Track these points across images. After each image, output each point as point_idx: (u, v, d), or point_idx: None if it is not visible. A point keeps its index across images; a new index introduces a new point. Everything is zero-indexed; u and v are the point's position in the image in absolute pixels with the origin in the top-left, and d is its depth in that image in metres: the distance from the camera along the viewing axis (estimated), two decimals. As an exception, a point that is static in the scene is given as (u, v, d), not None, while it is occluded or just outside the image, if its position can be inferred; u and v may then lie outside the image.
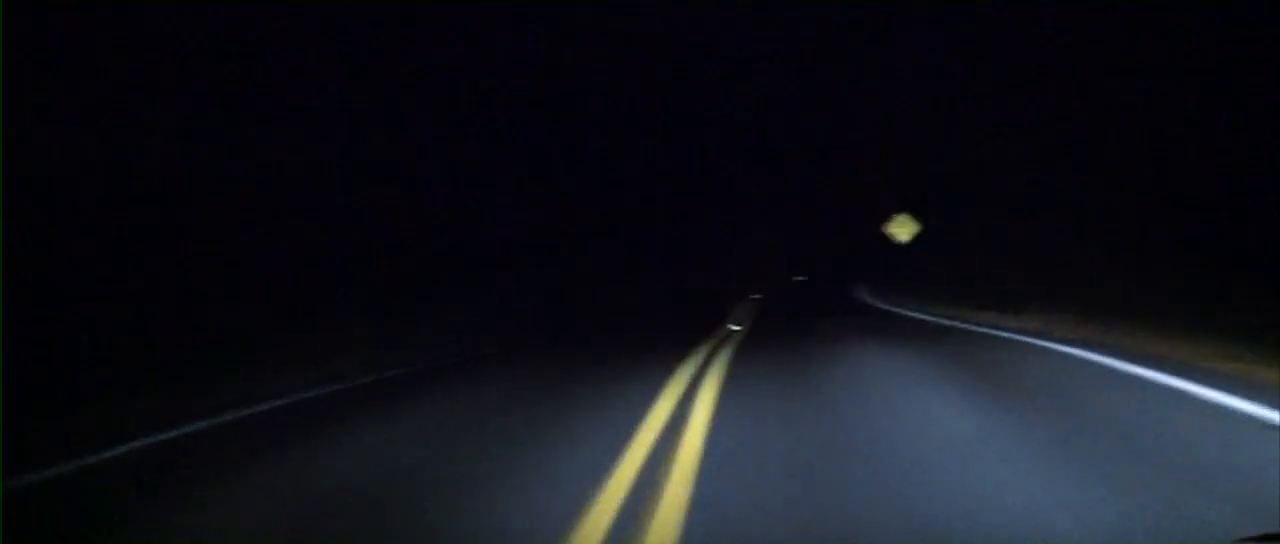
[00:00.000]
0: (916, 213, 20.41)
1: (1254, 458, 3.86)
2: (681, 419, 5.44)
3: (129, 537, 3.71)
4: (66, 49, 10.64)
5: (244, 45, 13.68)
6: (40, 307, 9.03)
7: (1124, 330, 9.58)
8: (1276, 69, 11.04)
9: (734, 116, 50.70)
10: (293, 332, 12.09)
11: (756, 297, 28.66)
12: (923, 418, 5.35)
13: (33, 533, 3.83)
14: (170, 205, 11.80)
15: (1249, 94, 11.56)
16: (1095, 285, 13.13)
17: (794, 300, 25.97)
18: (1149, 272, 12.76)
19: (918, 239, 20.36)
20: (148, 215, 11.38)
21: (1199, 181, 12.60)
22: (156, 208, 11.55)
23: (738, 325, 14.44)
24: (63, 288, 9.66)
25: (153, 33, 11.84)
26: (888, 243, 21.90)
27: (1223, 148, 12.22)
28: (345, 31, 16.59)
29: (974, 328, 12.09)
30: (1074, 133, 16.31)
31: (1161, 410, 5.21)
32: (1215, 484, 3.50)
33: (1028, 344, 9.34)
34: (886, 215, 21.18)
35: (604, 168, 34.77)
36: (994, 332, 11.11)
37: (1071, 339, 9.27)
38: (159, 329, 10.40)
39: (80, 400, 7.58)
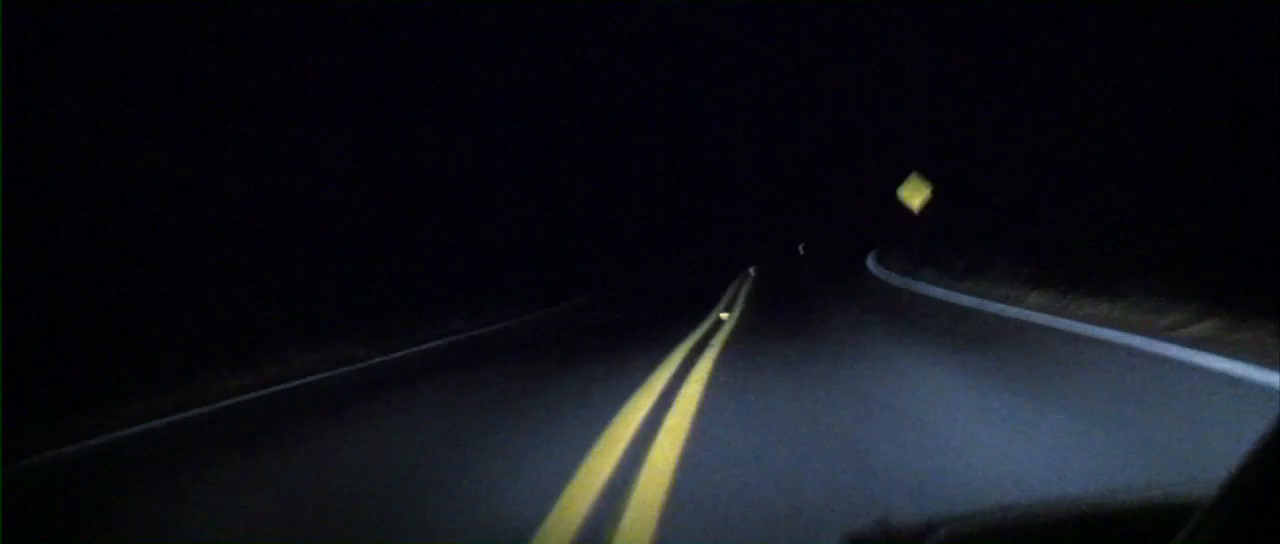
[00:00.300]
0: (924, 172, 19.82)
1: None
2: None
3: (126, 524, 3.73)
4: (66, 49, 10.66)
5: (244, 45, 13.69)
6: (40, 306, 9.03)
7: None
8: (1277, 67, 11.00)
9: (734, 101, 51.40)
10: (291, 330, 12.08)
11: (753, 271, 28.70)
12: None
13: (32, 521, 3.84)
14: (170, 205, 11.81)
15: (1248, 93, 11.53)
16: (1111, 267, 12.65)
17: (799, 280, 24.93)
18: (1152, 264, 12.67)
19: (925, 209, 19.79)
20: (147, 215, 11.38)
21: (1198, 177, 12.57)
22: (156, 208, 11.55)
23: (727, 313, 13.43)
24: (62, 287, 9.67)
25: (153, 33, 11.85)
26: (889, 216, 21.60)
27: (1222, 145, 12.21)
28: (345, 31, 16.62)
29: (1033, 316, 9.55)
30: (1072, 127, 16.31)
31: None
32: None
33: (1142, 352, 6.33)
34: (880, 192, 20.68)
35: (603, 161, 34.91)
36: (1080, 328, 8.21)
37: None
38: (158, 330, 10.40)
39: (79, 401, 7.57)
